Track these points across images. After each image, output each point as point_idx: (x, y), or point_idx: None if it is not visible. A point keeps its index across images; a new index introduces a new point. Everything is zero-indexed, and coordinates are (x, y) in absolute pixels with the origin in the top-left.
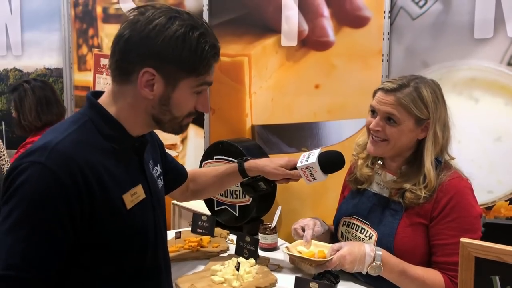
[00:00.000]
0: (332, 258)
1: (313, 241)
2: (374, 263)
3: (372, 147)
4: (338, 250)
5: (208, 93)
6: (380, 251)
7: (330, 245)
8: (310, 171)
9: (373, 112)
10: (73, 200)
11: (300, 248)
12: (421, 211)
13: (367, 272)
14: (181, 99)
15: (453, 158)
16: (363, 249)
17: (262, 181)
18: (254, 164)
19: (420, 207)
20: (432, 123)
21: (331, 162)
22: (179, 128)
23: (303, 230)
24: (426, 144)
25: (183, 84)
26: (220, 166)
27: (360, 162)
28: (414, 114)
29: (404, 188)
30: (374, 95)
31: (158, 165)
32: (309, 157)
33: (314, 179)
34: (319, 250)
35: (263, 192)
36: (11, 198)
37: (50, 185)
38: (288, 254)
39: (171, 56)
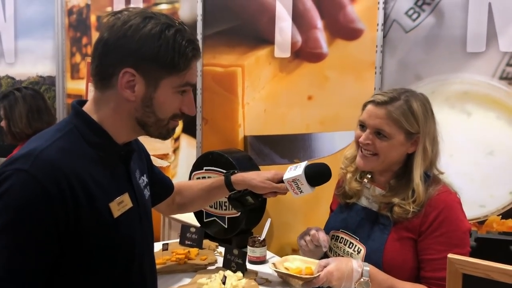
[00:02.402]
0: (319, 275)
1: (300, 257)
2: (362, 279)
3: (362, 162)
4: (325, 266)
5: (192, 94)
6: (368, 267)
7: (317, 261)
8: (297, 183)
9: (362, 126)
10: (58, 209)
11: (287, 264)
12: (409, 226)
13: None
14: (164, 100)
15: (442, 173)
16: (350, 265)
17: (250, 195)
18: (241, 177)
19: (408, 221)
20: (422, 137)
21: (317, 174)
22: (166, 132)
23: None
24: (416, 159)
25: (164, 84)
26: (207, 179)
27: (348, 175)
28: (404, 128)
29: (392, 202)
30: (363, 108)
31: (145, 175)
32: (296, 170)
33: (301, 191)
34: (306, 266)
35: (251, 206)
36: None
37: (34, 193)
38: (275, 270)
39: (148, 54)
